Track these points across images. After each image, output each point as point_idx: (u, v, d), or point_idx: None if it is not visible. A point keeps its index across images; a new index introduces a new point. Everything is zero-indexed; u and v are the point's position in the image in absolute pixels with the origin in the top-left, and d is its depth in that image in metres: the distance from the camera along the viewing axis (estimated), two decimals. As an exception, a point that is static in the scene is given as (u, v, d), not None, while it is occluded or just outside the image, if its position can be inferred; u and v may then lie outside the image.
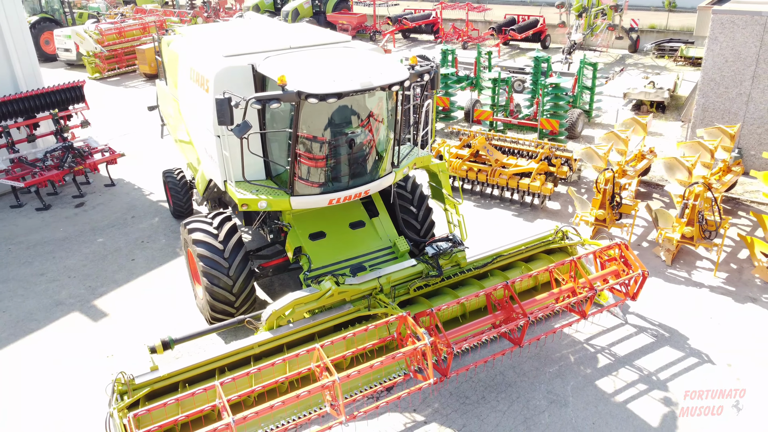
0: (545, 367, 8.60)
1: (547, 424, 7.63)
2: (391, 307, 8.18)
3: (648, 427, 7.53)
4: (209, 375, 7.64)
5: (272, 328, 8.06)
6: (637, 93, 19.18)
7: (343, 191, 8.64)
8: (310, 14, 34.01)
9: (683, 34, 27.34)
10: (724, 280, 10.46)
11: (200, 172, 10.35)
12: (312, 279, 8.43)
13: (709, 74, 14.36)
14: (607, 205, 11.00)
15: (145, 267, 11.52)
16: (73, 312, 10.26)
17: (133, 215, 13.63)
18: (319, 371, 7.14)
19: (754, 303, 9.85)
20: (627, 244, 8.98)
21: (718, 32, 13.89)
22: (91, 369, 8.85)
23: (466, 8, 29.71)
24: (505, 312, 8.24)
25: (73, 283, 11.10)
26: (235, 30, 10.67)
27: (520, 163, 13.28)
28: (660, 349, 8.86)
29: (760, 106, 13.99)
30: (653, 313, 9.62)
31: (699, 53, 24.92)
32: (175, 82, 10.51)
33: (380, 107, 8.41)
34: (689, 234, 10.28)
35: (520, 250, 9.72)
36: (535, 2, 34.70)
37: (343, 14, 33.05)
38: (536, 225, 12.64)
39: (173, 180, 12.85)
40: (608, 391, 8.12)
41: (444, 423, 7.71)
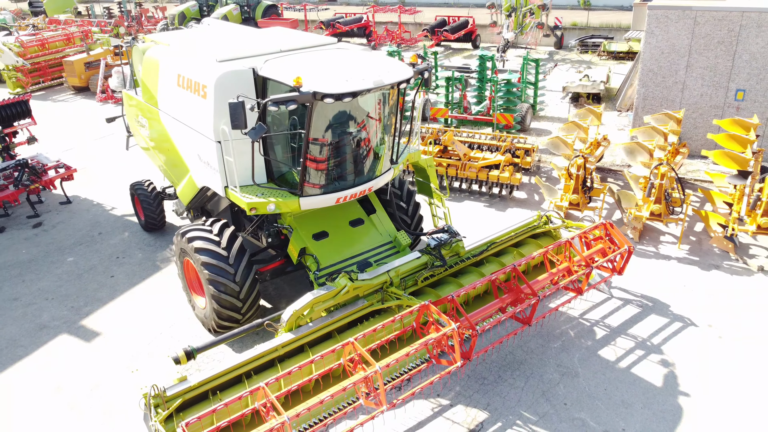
0: (549, 343, 9.12)
1: (564, 394, 8.12)
2: (406, 298, 8.42)
3: (653, 387, 8.18)
4: (236, 381, 7.60)
5: (292, 329, 8.11)
6: (575, 86, 20.36)
7: (350, 189, 8.80)
8: (240, 21, 33.54)
9: (603, 30, 29.19)
10: (688, 252, 11.42)
11: (187, 181, 10.16)
12: (326, 277, 8.52)
13: (647, 65, 15.54)
14: (579, 190, 11.73)
15: (128, 283, 11.14)
16: (61, 334, 9.81)
17: (100, 232, 13.10)
18: (352, 365, 7.29)
19: (717, 269, 10.83)
20: (612, 223, 9.66)
21: (654, 26, 15.08)
22: (101, 391, 8.53)
23: (398, 11, 30.30)
24: (512, 294, 8.68)
25: (53, 305, 10.58)
26: (216, 36, 10.55)
27: (487, 156, 13.86)
28: (647, 317, 9.60)
29: (694, 92, 15.30)
30: (633, 285, 10.39)
31: (620, 47, 26.72)
32: (154, 91, 10.26)
33: (384, 105, 8.63)
34: (657, 211, 11.16)
35: (510, 236, 10.22)
36: (462, 3, 35.87)
37: (275, 20, 32.83)
38: (508, 214, 13.25)
39: (144, 192, 12.48)
40: (611, 359, 8.74)
41: (469, 404, 8.04)
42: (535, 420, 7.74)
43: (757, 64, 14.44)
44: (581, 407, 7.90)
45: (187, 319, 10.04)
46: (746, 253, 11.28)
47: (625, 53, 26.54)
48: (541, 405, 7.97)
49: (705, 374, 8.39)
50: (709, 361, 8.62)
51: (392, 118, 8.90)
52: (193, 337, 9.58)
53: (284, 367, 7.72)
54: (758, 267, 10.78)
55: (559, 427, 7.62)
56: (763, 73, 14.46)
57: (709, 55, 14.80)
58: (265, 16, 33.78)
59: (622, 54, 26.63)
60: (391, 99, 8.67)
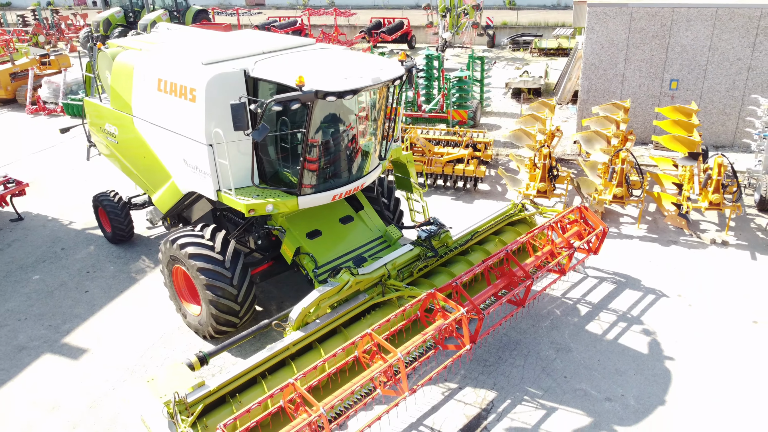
0: (539, 323, 9.61)
1: (562, 368, 8.61)
2: (407, 289, 8.64)
3: (641, 354, 8.82)
4: (251, 382, 7.58)
5: (300, 327, 8.17)
6: (517, 82, 21.27)
7: (344, 186, 8.95)
8: (169, 26, 32.58)
9: (532, 28, 30.52)
10: (647, 231, 12.29)
11: (168, 188, 9.94)
12: (329, 273, 8.62)
13: (589, 59, 16.50)
14: (546, 178, 12.36)
15: (105, 297, 10.76)
16: (44, 354, 9.37)
17: (62, 247, 12.53)
18: (368, 356, 7.45)
19: (676, 245, 11.73)
20: (586, 206, 10.29)
21: (594, 23, 16.04)
22: (101, 408, 8.24)
23: (333, 13, 30.44)
24: (505, 278, 9.10)
25: (28, 325, 10.07)
26: (193, 39, 10.38)
27: (451, 151, 14.31)
28: (623, 292, 10.28)
29: (633, 83, 16.40)
30: (604, 264, 11.08)
31: (550, 44, 28.07)
32: (127, 97, 9.96)
33: (375, 102, 8.83)
34: (619, 194, 11.95)
35: (491, 225, 10.65)
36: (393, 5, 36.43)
37: (206, 25, 32.15)
38: (476, 206, 13.74)
39: (110, 203, 12.06)
40: (598, 332, 9.33)
41: (476, 385, 8.38)
42: (541, 394, 8.17)
43: (688, 55, 15.67)
44: (580, 378, 8.41)
45: (177, 328, 9.83)
46: (698, 228, 12.26)
47: (555, 50, 27.92)
48: (544, 380, 8.42)
49: (683, 339, 9.11)
50: (685, 327, 9.37)
51: (382, 115, 9.11)
52: (188, 346, 9.41)
53: (297, 365, 7.77)
54: (711, 240, 11.76)
55: (564, 398, 8.09)
56: (693, 64, 15.71)
57: (644, 48, 15.91)
58: (196, 22, 32.99)
59: (552, 50, 28.00)
60: (383, 96, 8.88)
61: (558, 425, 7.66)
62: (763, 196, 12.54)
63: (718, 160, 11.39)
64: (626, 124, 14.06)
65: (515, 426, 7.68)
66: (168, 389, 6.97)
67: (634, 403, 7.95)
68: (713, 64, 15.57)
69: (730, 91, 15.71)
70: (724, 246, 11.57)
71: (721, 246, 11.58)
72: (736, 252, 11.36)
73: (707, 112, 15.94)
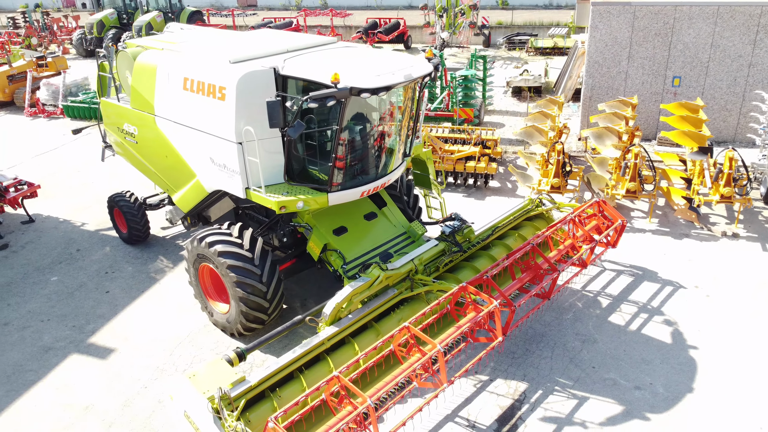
0: (563, 315, 9.77)
1: (589, 359, 8.77)
2: (436, 283, 8.75)
3: (665, 344, 9.00)
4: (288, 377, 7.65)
5: (334, 322, 8.24)
6: (518, 81, 21.48)
7: (372, 182, 9.05)
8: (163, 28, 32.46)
9: (527, 28, 30.80)
10: (658, 224, 12.51)
11: (192, 186, 9.97)
12: (360, 268, 8.70)
13: (593, 57, 16.73)
14: (560, 174, 12.53)
15: (127, 297, 10.75)
16: (71, 354, 9.35)
17: (78, 248, 12.48)
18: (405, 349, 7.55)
19: (688, 237, 11.95)
20: (605, 200, 10.47)
21: (598, 21, 16.27)
22: (135, 407, 8.26)
23: (330, 14, 30.50)
24: (531, 272, 9.25)
25: (51, 326, 10.04)
26: (216, 38, 10.43)
27: (462, 149, 14.45)
28: (641, 284, 10.47)
29: (636, 80, 16.65)
30: (620, 257, 11.27)
31: (546, 44, 28.36)
32: (149, 96, 9.97)
33: (405, 100, 8.93)
34: (633, 188, 12.15)
35: (510, 220, 10.80)
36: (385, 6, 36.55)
37: (201, 26, 32.03)
38: (488, 203, 13.89)
39: (127, 204, 12.04)
40: (621, 324, 9.50)
41: (507, 377, 8.51)
42: (571, 384, 8.32)
43: (690, 52, 15.95)
44: (608, 368, 8.57)
45: (204, 326, 9.86)
46: (707, 221, 12.50)
47: (551, 49, 28.22)
48: (572, 370, 8.57)
49: (705, 329, 9.31)
50: (705, 317, 9.57)
51: (408, 112, 9.22)
52: (215, 344, 9.45)
53: (333, 360, 7.85)
54: (721, 232, 12.00)
55: (594, 387, 8.24)
56: (695, 61, 15.99)
57: (647, 46, 16.17)
58: (190, 23, 32.89)
59: (548, 50, 28.29)
60: (410, 93, 8.98)
61: (591, 414, 7.81)
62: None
63: (729, 154, 11.64)
64: (634, 121, 14.29)
65: (549, 416, 7.81)
66: (210, 385, 7.03)
67: (663, 391, 8.12)
68: (715, 61, 15.87)
69: (732, 87, 16.01)
70: (735, 238, 11.82)
71: (732, 238, 11.82)
72: (747, 244, 11.61)
73: (709, 108, 16.22)
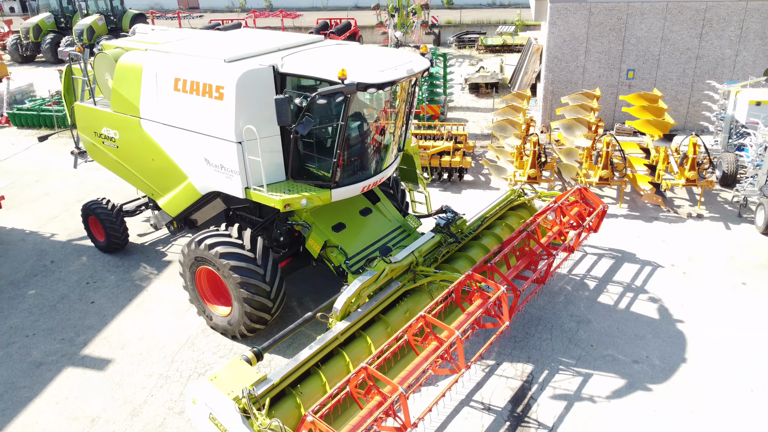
0: (555, 299, 10.16)
1: (587, 338, 9.18)
2: (439, 274, 8.95)
3: (654, 320, 9.53)
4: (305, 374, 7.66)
5: (344, 317, 8.30)
6: (476, 77, 22.02)
7: (372, 177, 9.15)
8: (106, 31, 31.38)
9: (475, 26, 31.53)
10: (628, 209, 13.16)
11: (183, 189, 9.78)
12: (365, 262, 8.79)
13: (552, 53, 17.37)
14: (536, 164, 12.99)
15: (114, 306, 10.43)
16: (66, 368, 9.01)
17: (52, 260, 11.99)
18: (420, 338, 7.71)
19: (657, 220, 12.64)
20: (586, 187, 10.95)
21: (556, 18, 16.92)
22: (143, 416, 8.06)
23: (280, 15, 30.28)
24: (526, 258, 9.58)
25: (38, 340, 9.64)
26: (197, 39, 10.24)
27: (436, 144, 14.73)
28: (623, 266, 11.02)
29: (593, 74, 17.41)
30: (599, 242, 11.80)
31: (495, 41, 29.13)
32: (134, 98, 9.70)
33: (402, 95, 9.07)
34: (606, 176, 12.73)
35: (496, 211, 11.12)
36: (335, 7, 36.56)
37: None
38: (464, 196, 14.23)
39: (104, 211, 11.67)
40: (611, 303, 9.98)
41: (513, 360, 8.80)
42: (574, 362, 8.69)
43: (642, 46, 16.81)
44: (606, 345, 9.00)
45: (202, 330, 9.70)
46: (672, 204, 13.25)
47: (501, 46, 29.02)
48: (573, 350, 8.95)
49: (687, 303, 9.91)
50: (685, 293, 10.18)
51: (405, 107, 9.38)
52: (216, 347, 9.32)
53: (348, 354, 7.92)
54: (687, 214, 12.76)
55: (596, 364, 8.64)
56: (648, 54, 16.87)
57: (603, 40, 16.94)
58: (133, 26, 31.90)
59: (498, 47, 29.08)
60: (407, 88, 9.14)
61: (597, 389, 8.19)
62: (725, 172, 13.69)
63: (693, 140, 12.38)
64: (596, 112, 14.95)
65: (559, 394, 8.15)
66: (233, 386, 6.97)
67: (659, 363, 8.61)
68: (665, 54, 16.79)
69: (681, 78, 16.98)
70: (699, 219, 12.58)
71: (697, 219, 12.59)
72: (712, 223, 12.39)
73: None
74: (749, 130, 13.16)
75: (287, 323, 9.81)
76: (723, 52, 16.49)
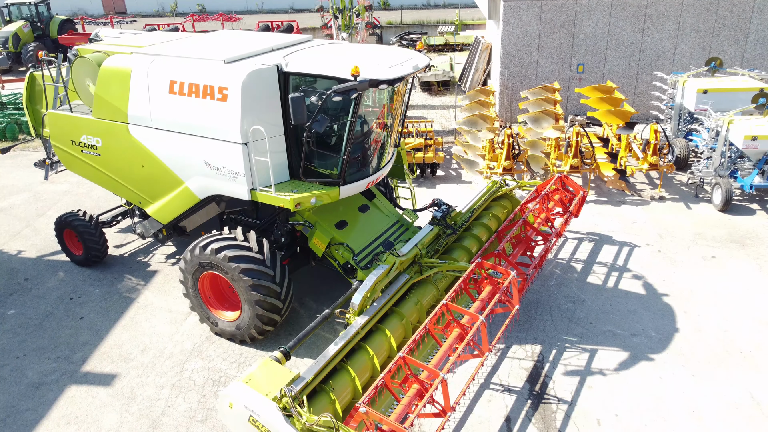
0: (547, 282, 10.64)
1: (584, 316, 9.68)
2: (445, 264, 9.19)
3: (642, 295, 10.16)
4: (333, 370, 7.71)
5: (362, 312, 8.40)
6: (428, 76, 22.46)
7: (375, 173, 9.29)
8: (32, 38, 29.77)
9: (416, 26, 32.09)
10: (596, 195, 13.90)
11: (178, 195, 9.55)
12: (373, 257, 8.90)
13: (507, 49, 18.03)
14: (510, 156, 13.48)
15: (107, 320, 10.04)
16: (69, 387, 8.62)
17: (26, 278, 11.37)
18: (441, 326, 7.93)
19: (624, 204, 13.43)
20: (566, 175, 11.50)
21: (510, 16, 17.58)
22: (170, 426, 7.85)
23: (220, 19, 29.70)
24: (522, 245, 9.99)
25: (32, 361, 9.15)
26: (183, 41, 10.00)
27: (408, 141, 14.99)
28: (603, 247, 11.66)
29: (546, 69, 18.20)
30: (576, 227, 12.42)
31: (437, 41, 29.75)
32: (121, 104, 9.37)
33: (402, 91, 9.24)
34: (576, 164, 13.39)
35: (482, 202, 11.50)
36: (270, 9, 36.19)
37: (74, 36, 29.74)
38: (439, 190, 14.56)
39: (82, 223, 11.19)
40: (599, 283, 10.55)
41: (520, 342, 9.17)
42: (577, 340, 9.16)
43: (590, 41, 17.75)
44: (604, 322, 9.53)
45: (206, 337, 9.52)
46: (635, 188, 14.11)
47: (443, 45, 29.67)
48: (574, 328, 9.42)
49: (668, 278, 10.62)
50: (663, 269, 10.90)
51: (403, 103, 9.56)
52: (225, 353, 9.18)
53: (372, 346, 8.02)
54: (650, 197, 13.62)
55: (598, 340, 9.14)
56: (595, 49, 17.82)
57: (554, 37, 17.75)
58: (62, 33, 30.41)
59: (440, 46, 29.71)
60: (408, 85, 9.32)
61: (604, 363, 8.68)
62: (678, 156, 14.69)
63: (654, 126, 13.24)
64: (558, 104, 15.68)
65: (570, 370, 8.57)
66: (270, 386, 6.94)
67: (655, 335, 9.21)
68: (612, 48, 17.79)
69: (627, 71, 18.05)
70: (662, 201, 13.47)
71: (660, 201, 13.47)
72: (673, 204, 13.29)
73: (610, 90, 18.16)
74: (700, 117, 14.20)
75: (291, 324, 9.82)
76: (663, 46, 17.66)
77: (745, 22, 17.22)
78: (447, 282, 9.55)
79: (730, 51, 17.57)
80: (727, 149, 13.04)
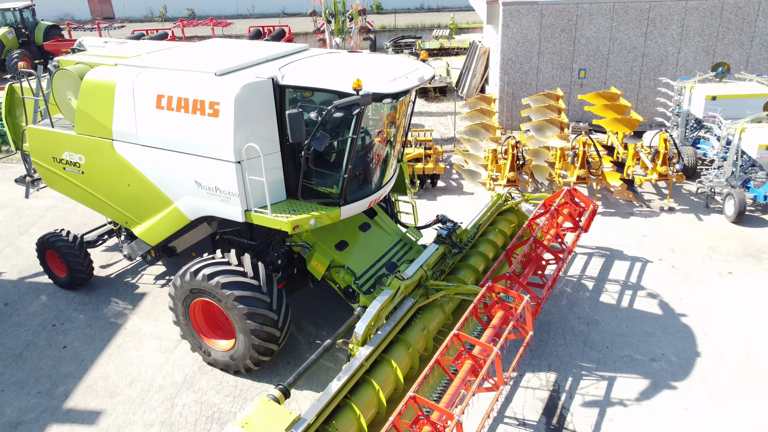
0: (558, 302, 10.11)
1: (600, 339, 9.15)
2: (452, 287, 8.64)
3: (658, 315, 9.65)
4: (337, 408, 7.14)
5: (365, 342, 7.83)
6: (425, 81, 21.90)
7: (377, 191, 8.73)
8: (17, 45, 29.01)
9: (410, 30, 31.56)
10: (603, 206, 13.39)
11: (167, 215, 8.94)
12: (376, 281, 8.35)
13: (506, 55, 17.53)
14: (515, 167, 12.95)
15: (92, 349, 9.42)
16: (50, 426, 7.99)
17: (6, 302, 10.72)
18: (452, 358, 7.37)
19: (633, 216, 12.93)
20: (575, 188, 10.98)
21: (509, 20, 17.08)
22: (151, 469, 7.25)
23: (210, 24, 29.07)
24: (533, 264, 9.45)
25: (10, 397, 8.51)
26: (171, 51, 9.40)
27: (408, 151, 14.44)
28: (615, 263, 11.14)
29: (546, 75, 17.71)
30: (585, 241, 11.90)
31: (432, 45, 29.25)
32: (105, 119, 8.76)
33: (406, 102, 8.70)
34: (583, 175, 12.88)
35: (488, 217, 10.96)
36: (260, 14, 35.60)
37: (61, 42, 29.00)
38: (440, 202, 14.02)
39: (66, 243, 10.56)
40: (613, 302, 10.03)
41: (534, 370, 8.62)
42: (594, 366, 8.63)
43: (592, 46, 17.28)
44: (621, 346, 9.00)
45: (198, 367, 8.92)
46: (643, 199, 13.62)
47: (438, 50, 29.16)
48: (589, 353, 8.89)
49: (684, 296, 10.11)
50: (679, 286, 10.40)
51: (406, 114, 9.01)
52: (219, 385, 8.58)
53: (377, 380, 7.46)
54: (659, 207, 13.13)
55: (615, 366, 8.61)
56: (597, 54, 17.36)
57: (555, 41, 17.26)
58: (48, 39, 29.62)
59: (435, 51, 29.20)
60: (411, 98, 8.78)
61: (624, 392, 8.15)
62: (686, 165, 14.22)
63: (664, 135, 12.75)
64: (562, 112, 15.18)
65: (589, 401, 8.04)
66: (270, 429, 6.37)
67: (676, 360, 8.69)
68: (614, 53, 17.33)
69: (629, 76, 17.59)
70: (672, 212, 12.98)
71: (669, 212, 12.98)
72: (684, 216, 12.81)
73: (612, 96, 17.69)
74: (710, 124, 13.73)
75: (289, 351, 9.24)
76: (666, 50, 17.22)
77: (749, 26, 16.81)
78: (454, 304, 9.02)
79: (734, 55, 17.15)
80: (739, 158, 12.58)
